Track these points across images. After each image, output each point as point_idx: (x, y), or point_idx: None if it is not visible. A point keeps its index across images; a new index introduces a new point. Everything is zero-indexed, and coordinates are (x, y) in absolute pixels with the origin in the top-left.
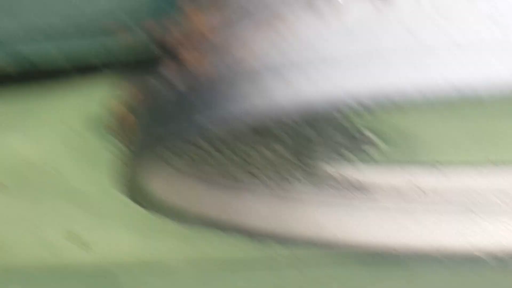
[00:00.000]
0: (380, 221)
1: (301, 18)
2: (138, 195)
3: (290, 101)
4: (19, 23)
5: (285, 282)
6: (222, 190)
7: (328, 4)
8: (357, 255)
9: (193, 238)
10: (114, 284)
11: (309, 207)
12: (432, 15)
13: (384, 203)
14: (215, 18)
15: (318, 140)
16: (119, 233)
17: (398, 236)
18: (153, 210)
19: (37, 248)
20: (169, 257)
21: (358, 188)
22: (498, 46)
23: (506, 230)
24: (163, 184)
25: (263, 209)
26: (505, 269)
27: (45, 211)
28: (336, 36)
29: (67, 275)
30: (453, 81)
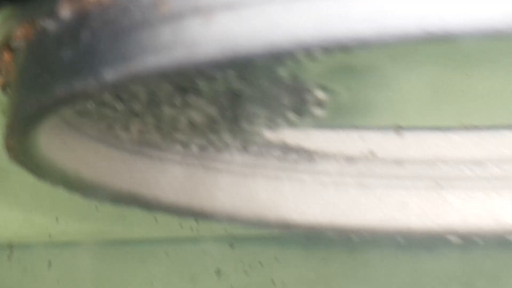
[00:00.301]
0: (331, 197)
1: None
2: (31, 162)
3: (217, 47)
4: None
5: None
6: (137, 159)
7: None
8: (300, 236)
9: (102, 217)
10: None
11: (244, 180)
12: None
13: (335, 177)
14: None
15: (255, 98)
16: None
17: (352, 215)
18: (52, 181)
19: None
20: (75, 238)
21: (304, 157)
22: None
23: (480, 208)
24: (62, 149)
25: (187, 182)
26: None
27: None
28: None
29: None
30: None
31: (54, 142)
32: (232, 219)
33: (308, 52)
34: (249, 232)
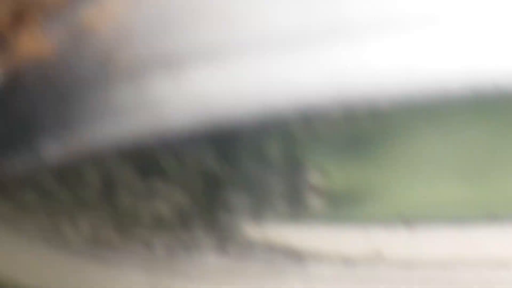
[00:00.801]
0: None
1: None
2: None
3: (189, 112)
4: None
5: None
6: (89, 263)
7: None
8: None
9: None
10: None
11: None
12: None
13: (331, 283)
14: None
15: (236, 183)
16: None
17: None
18: None
19: None
20: None
21: (293, 260)
22: None
23: None
24: None
25: None
26: None
27: None
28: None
29: None
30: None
31: None
32: None
33: (311, 119)
34: None
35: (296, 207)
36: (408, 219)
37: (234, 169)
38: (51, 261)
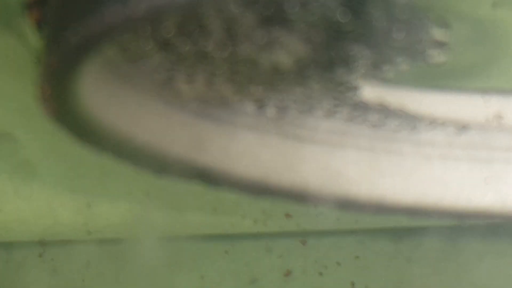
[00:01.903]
0: (437, 174)
1: None
2: (72, 117)
3: None
4: None
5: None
6: (201, 122)
7: None
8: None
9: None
10: None
11: (331, 151)
12: None
13: (443, 148)
14: None
15: (359, 34)
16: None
17: (462, 196)
18: (96, 144)
19: None
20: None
21: (406, 124)
22: None
23: None
24: (110, 103)
25: (262, 152)
26: None
27: None
28: None
29: None
30: None
31: (99, 94)
32: (315, 199)
33: None
34: (324, 228)
35: (416, 63)
36: None
37: (358, 20)
38: (164, 117)
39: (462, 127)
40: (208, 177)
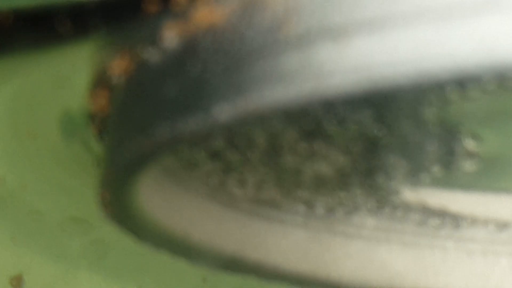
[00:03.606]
0: (479, 268)
1: None
2: (130, 219)
3: (353, 77)
4: None
5: None
6: (253, 220)
7: None
8: None
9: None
10: None
11: (376, 246)
12: None
13: (484, 244)
14: None
15: (394, 146)
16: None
17: None
18: (153, 242)
19: None
20: None
21: (449, 223)
22: None
23: None
24: (166, 206)
25: (311, 247)
26: None
27: None
28: None
29: None
30: None
31: (156, 198)
32: None
33: (465, 83)
34: None
35: (451, 170)
36: None
37: (392, 132)
38: (218, 217)
39: (503, 225)
40: (260, 272)
